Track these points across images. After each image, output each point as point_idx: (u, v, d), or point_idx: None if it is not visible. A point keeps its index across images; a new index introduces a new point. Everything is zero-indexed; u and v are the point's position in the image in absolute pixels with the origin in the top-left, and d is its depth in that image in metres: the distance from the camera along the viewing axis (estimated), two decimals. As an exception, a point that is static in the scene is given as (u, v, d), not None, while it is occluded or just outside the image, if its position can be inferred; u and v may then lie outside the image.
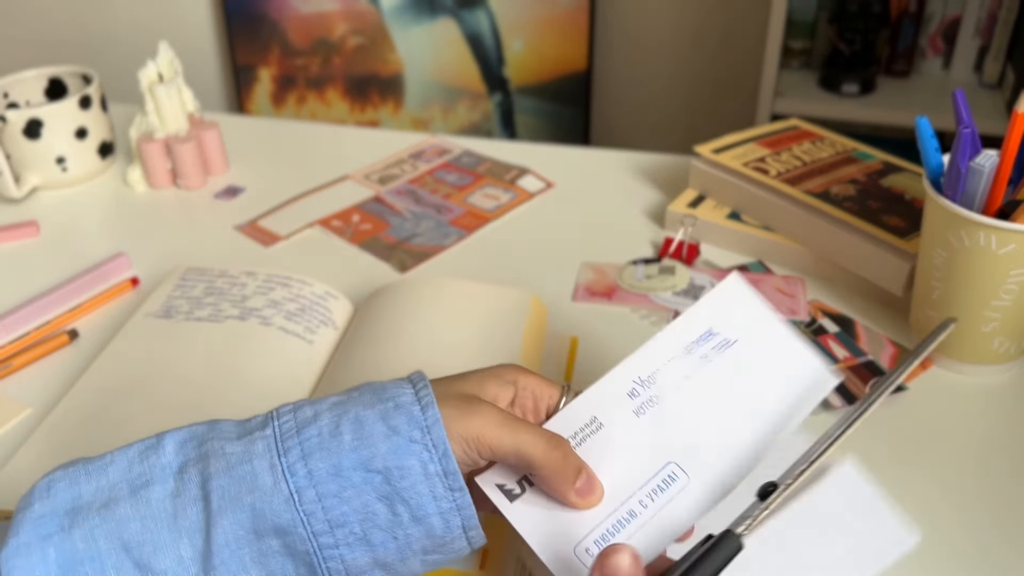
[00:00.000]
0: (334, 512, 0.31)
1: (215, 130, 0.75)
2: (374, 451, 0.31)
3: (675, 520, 0.33)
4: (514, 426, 0.33)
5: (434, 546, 0.33)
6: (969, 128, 0.48)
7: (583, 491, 0.34)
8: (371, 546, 0.32)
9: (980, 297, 0.49)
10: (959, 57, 1.45)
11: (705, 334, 0.37)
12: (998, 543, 0.42)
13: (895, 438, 0.48)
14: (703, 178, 0.67)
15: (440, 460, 0.32)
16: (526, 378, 0.36)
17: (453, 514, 0.32)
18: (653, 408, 0.36)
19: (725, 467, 0.34)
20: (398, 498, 0.31)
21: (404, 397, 0.33)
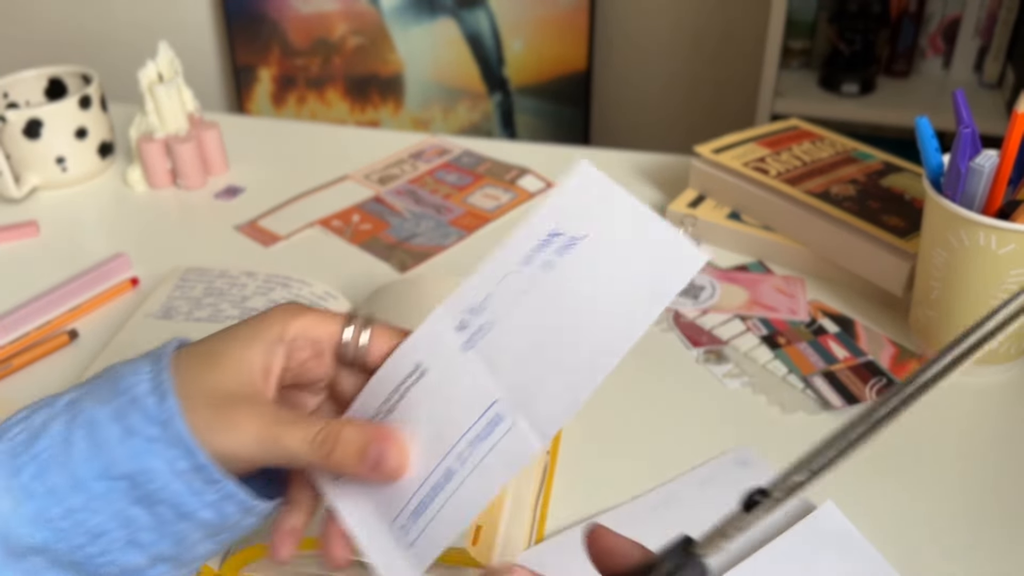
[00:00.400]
0: (89, 524, 0.29)
1: (215, 130, 0.75)
2: (111, 457, 0.28)
3: (495, 472, 0.29)
4: (275, 435, 0.29)
5: (218, 530, 0.30)
6: (969, 128, 0.48)
7: (377, 466, 0.30)
8: (142, 547, 0.29)
9: (980, 297, 0.49)
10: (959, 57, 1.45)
11: (547, 237, 0.31)
12: (999, 542, 0.42)
13: (895, 438, 0.48)
14: (703, 178, 0.67)
15: (186, 456, 0.29)
16: (296, 325, 0.31)
17: (223, 503, 0.30)
18: (483, 338, 0.30)
19: (561, 391, 0.29)
20: (154, 500, 0.29)
21: (140, 387, 0.29)
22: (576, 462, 0.46)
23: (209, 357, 0.31)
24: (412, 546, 0.30)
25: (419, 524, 0.30)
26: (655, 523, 0.43)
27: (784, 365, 0.53)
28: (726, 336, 0.55)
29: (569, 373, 0.29)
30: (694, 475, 0.45)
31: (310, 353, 0.32)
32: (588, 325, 0.29)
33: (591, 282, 0.30)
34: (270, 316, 0.32)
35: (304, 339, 0.32)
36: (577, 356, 0.29)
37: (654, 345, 0.55)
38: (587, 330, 0.29)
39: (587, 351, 0.29)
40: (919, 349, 0.54)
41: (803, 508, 0.43)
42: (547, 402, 0.29)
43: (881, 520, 0.43)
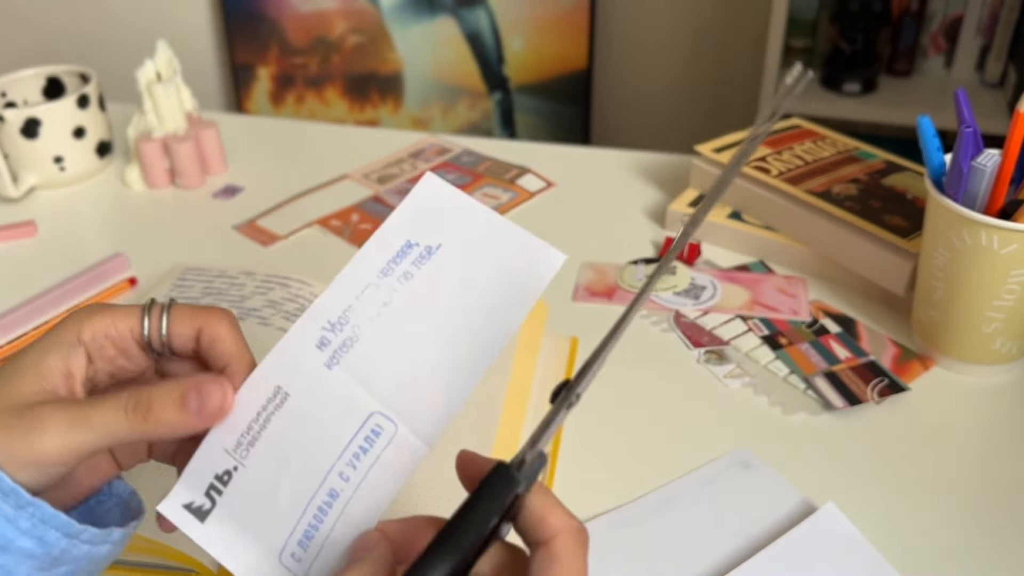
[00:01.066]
0: None
1: (213, 129, 0.75)
2: None
3: (384, 484, 0.28)
4: (84, 417, 0.28)
5: (49, 563, 0.29)
6: (971, 127, 0.48)
7: (201, 408, 0.29)
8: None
9: (982, 297, 0.48)
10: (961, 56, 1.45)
11: (403, 249, 0.31)
12: (1001, 543, 0.42)
13: (896, 438, 0.48)
14: (704, 177, 0.67)
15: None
16: (92, 325, 0.31)
17: (41, 530, 0.28)
18: (348, 354, 0.29)
19: (441, 393, 0.29)
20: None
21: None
22: (576, 463, 0.46)
23: (5, 373, 0.30)
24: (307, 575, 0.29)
25: (311, 551, 0.29)
26: (656, 524, 0.42)
27: (785, 365, 0.53)
28: (727, 336, 0.55)
29: (444, 375, 0.29)
30: (695, 476, 0.45)
31: (115, 351, 0.31)
32: (457, 329, 0.30)
33: (454, 289, 0.30)
34: (67, 321, 0.31)
35: (103, 338, 0.31)
36: (450, 359, 0.29)
37: (655, 345, 0.55)
38: (457, 334, 0.30)
39: (459, 354, 0.29)
40: (921, 349, 0.54)
41: (804, 509, 0.43)
42: (426, 407, 0.29)
43: (882, 521, 0.43)
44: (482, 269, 0.30)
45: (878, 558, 0.40)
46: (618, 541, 0.42)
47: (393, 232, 0.31)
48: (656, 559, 0.41)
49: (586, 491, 0.45)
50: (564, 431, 0.48)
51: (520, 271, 0.30)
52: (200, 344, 0.32)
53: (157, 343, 0.32)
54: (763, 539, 0.41)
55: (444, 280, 0.30)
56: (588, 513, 0.43)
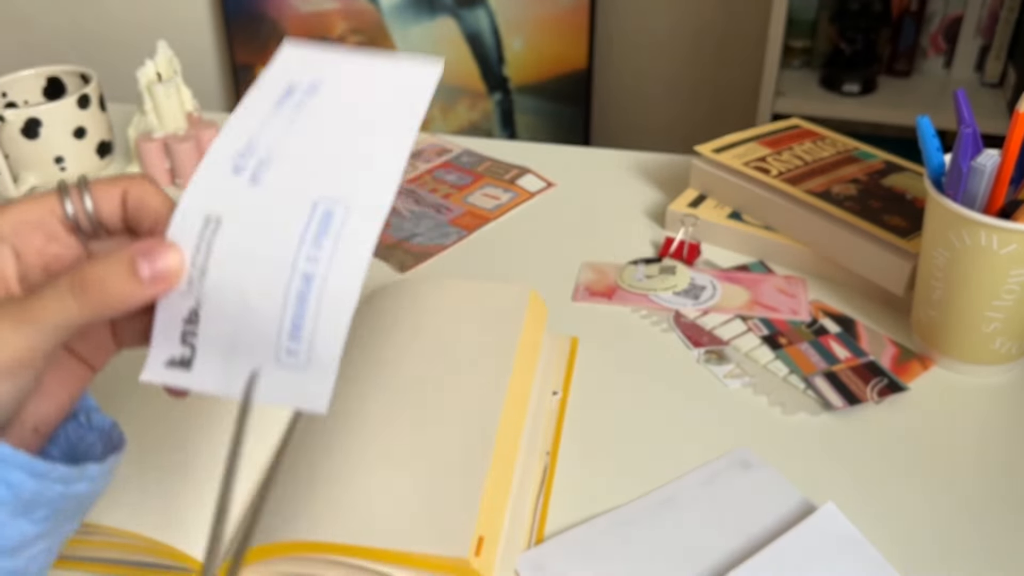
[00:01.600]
0: None
1: (214, 129, 0.75)
2: None
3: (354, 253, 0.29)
4: (28, 314, 0.27)
5: (23, 507, 0.27)
6: (971, 128, 0.48)
7: (156, 278, 0.28)
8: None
9: (981, 297, 0.48)
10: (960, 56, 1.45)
11: (287, 90, 0.31)
12: (1001, 543, 0.42)
13: (896, 438, 0.48)
14: (704, 178, 0.67)
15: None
16: (8, 216, 0.29)
17: (4, 470, 0.26)
18: (269, 170, 0.30)
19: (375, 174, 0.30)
20: None
21: None
22: (576, 463, 0.46)
23: None
24: (310, 362, 0.29)
25: (304, 338, 0.29)
26: (654, 526, 0.43)
27: (785, 365, 0.53)
28: (727, 336, 0.55)
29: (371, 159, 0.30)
30: (695, 476, 0.45)
31: (42, 238, 0.30)
32: (365, 124, 0.31)
33: (348, 104, 0.31)
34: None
35: (24, 226, 0.29)
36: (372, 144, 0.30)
37: (655, 345, 0.55)
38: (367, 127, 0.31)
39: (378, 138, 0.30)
40: (920, 349, 0.54)
41: (804, 509, 0.43)
42: (366, 184, 0.29)
43: (881, 521, 0.43)
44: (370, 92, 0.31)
45: (878, 558, 0.40)
46: (618, 541, 0.42)
47: (270, 83, 0.32)
48: (656, 559, 0.41)
49: (586, 491, 0.45)
50: (563, 432, 0.48)
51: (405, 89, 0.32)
52: (127, 209, 0.30)
53: (84, 219, 0.30)
54: (763, 539, 0.41)
55: (338, 100, 0.31)
56: (587, 513, 0.43)
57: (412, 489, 0.40)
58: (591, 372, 0.52)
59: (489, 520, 0.39)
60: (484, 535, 0.38)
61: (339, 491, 0.40)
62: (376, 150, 0.30)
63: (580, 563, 0.41)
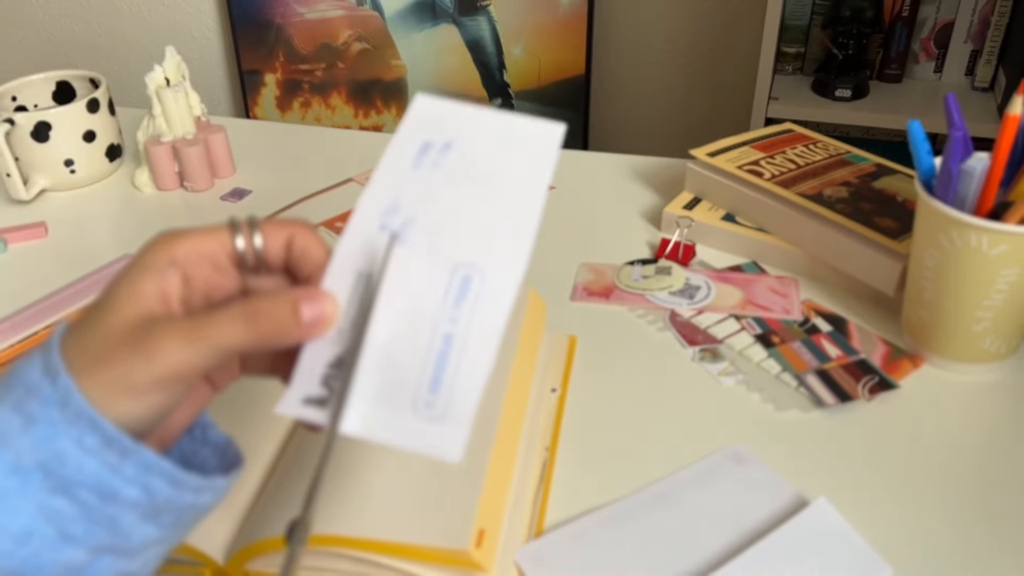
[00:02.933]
0: (12, 527, 0.27)
1: (222, 133, 0.76)
2: (17, 450, 0.27)
3: (488, 322, 0.31)
4: (200, 332, 0.28)
5: (154, 512, 0.29)
6: (961, 131, 0.48)
7: (314, 323, 0.30)
8: (75, 540, 0.28)
9: (971, 297, 0.49)
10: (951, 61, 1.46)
11: (423, 148, 0.34)
12: (991, 539, 0.43)
13: (887, 436, 0.49)
14: (699, 181, 0.68)
15: (92, 430, 0.27)
16: (182, 247, 0.31)
17: (145, 476, 0.28)
18: (412, 227, 0.32)
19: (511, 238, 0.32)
20: (73, 485, 0.27)
21: (33, 374, 0.28)
22: (572, 459, 0.47)
23: (97, 313, 0.29)
24: (445, 415, 0.31)
25: (442, 393, 0.31)
26: (650, 520, 0.43)
27: (778, 363, 0.54)
28: (721, 335, 0.56)
29: (506, 220, 0.32)
30: (689, 471, 0.46)
31: (209, 269, 0.31)
32: (498, 185, 0.33)
33: (481, 164, 0.33)
34: (152, 245, 0.31)
35: (196, 255, 0.31)
36: (506, 205, 0.32)
37: (650, 344, 0.56)
38: (500, 188, 0.33)
39: (511, 199, 0.32)
40: (911, 348, 0.55)
41: (797, 503, 0.44)
42: (501, 249, 0.32)
43: (873, 515, 0.43)
44: (500, 151, 0.33)
45: (869, 551, 0.41)
46: (615, 534, 0.42)
47: (407, 140, 0.34)
48: (651, 554, 0.41)
49: (582, 486, 0.45)
50: (561, 428, 0.49)
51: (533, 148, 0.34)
52: (292, 254, 0.33)
53: (251, 256, 0.32)
54: (756, 533, 0.42)
55: (471, 159, 0.33)
56: (583, 508, 0.44)
57: (414, 483, 0.41)
58: (589, 370, 0.53)
59: (490, 513, 0.40)
60: (485, 528, 0.39)
61: (342, 485, 0.41)
62: (510, 211, 0.32)
63: (578, 555, 0.41)
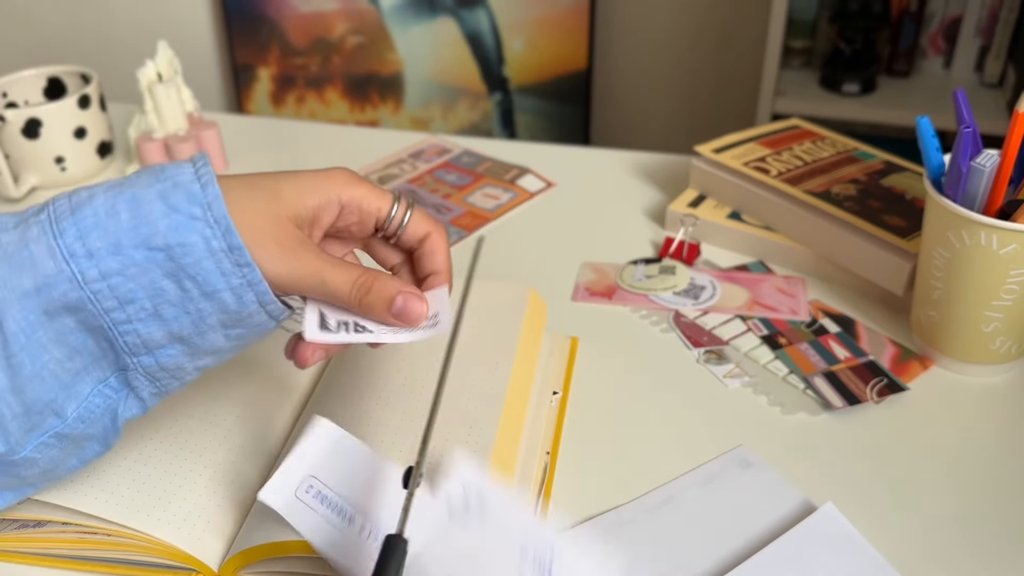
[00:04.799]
0: (121, 289, 0.31)
1: (214, 129, 0.75)
2: (153, 229, 0.31)
3: None
4: (323, 273, 0.34)
5: (232, 320, 0.33)
6: (970, 128, 0.48)
7: (401, 313, 0.35)
8: (164, 321, 0.32)
9: (981, 297, 0.49)
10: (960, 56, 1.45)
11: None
12: (999, 542, 0.42)
13: (896, 439, 0.48)
14: (704, 178, 0.67)
15: (224, 236, 0.32)
16: (351, 192, 0.36)
17: (244, 289, 0.33)
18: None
19: None
20: (184, 274, 0.32)
21: (183, 176, 0.32)
22: (576, 462, 0.46)
23: (267, 191, 0.34)
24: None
25: None
26: (656, 524, 0.43)
27: (785, 365, 0.53)
28: (727, 336, 0.55)
29: None
30: (694, 475, 0.45)
31: (357, 220, 0.37)
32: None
33: None
34: (332, 176, 0.36)
35: (356, 206, 0.36)
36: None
37: (654, 345, 0.55)
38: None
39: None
40: (920, 349, 0.54)
41: (803, 509, 0.43)
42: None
43: (881, 520, 0.43)
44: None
45: (877, 557, 0.40)
46: (618, 540, 0.42)
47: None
48: (655, 558, 0.41)
49: (586, 490, 0.45)
50: (564, 431, 0.48)
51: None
52: (423, 247, 0.38)
53: (393, 231, 0.38)
54: (762, 538, 0.41)
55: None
56: (588, 512, 0.43)
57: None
58: (591, 372, 0.53)
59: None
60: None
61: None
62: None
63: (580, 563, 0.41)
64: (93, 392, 0.34)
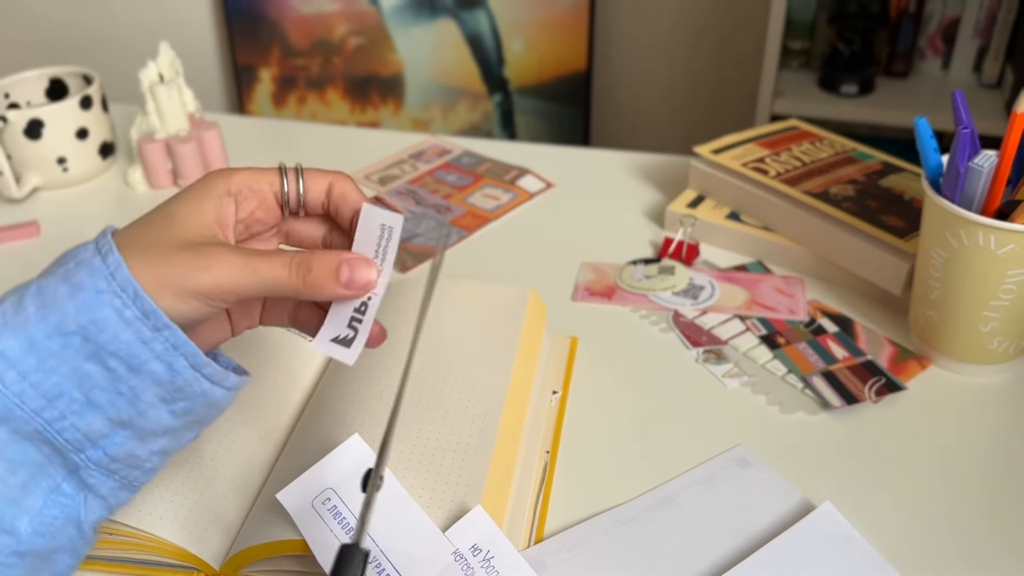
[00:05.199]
0: (45, 385, 0.30)
1: (216, 130, 0.75)
2: (62, 314, 0.30)
3: None
4: (253, 265, 0.32)
5: (170, 393, 0.32)
6: (968, 128, 0.48)
7: (350, 283, 0.34)
8: (99, 407, 0.31)
9: (979, 297, 0.49)
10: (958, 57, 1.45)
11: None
12: (997, 542, 0.42)
13: (894, 437, 0.48)
14: (703, 178, 0.67)
15: (134, 302, 0.30)
16: (238, 178, 0.35)
17: (171, 354, 0.31)
18: None
19: None
20: (105, 352, 0.30)
21: (84, 253, 0.31)
22: (575, 462, 0.47)
23: (157, 223, 0.33)
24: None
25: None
26: (654, 523, 0.43)
27: (783, 365, 0.53)
28: (725, 336, 0.56)
29: None
30: (693, 474, 0.45)
31: (256, 203, 0.35)
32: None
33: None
34: (210, 177, 0.35)
35: (248, 190, 0.35)
36: None
37: (653, 345, 0.55)
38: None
39: None
40: (918, 349, 0.54)
41: (802, 508, 0.43)
42: None
43: (879, 519, 0.43)
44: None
45: (876, 556, 0.40)
46: (617, 540, 0.42)
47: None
48: (654, 558, 0.41)
49: (585, 489, 0.45)
50: (563, 431, 0.48)
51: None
52: (330, 199, 0.36)
53: (294, 199, 0.36)
54: (761, 537, 0.42)
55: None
56: (587, 512, 0.44)
57: (413, 487, 0.40)
58: (591, 371, 0.53)
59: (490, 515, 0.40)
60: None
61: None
62: None
63: (580, 562, 0.41)
64: (47, 504, 0.32)
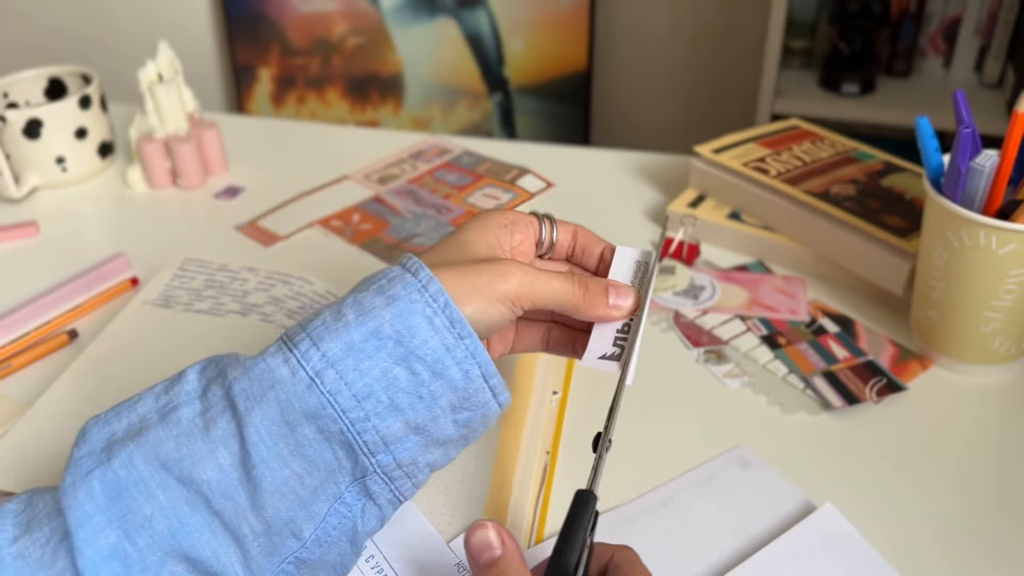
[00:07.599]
0: (357, 385, 0.33)
1: (215, 130, 0.75)
2: (380, 320, 0.33)
3: None
4: (544, 278, 0.37)
5: (460, 401, 0.34)
6: (969, 128, 0.48)
7: (616, 304, 0.38)
8: (400, 411, 0.33)
9: (980, 297, 0.49)
10: (959, 57, 1.45)
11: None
12: (999, 542, 0.42)
13: (895, 438, 0.48)
14: (703, 178, 0.67)
15: (443, 311, 0.34)
16: (511, 214, 0.40)
17: (468, 362, 0.34)
18: None
19: None
20: (414, 357, 0.33)
21: (394, 272, 0.35)
22: (576, 462, 0.46)
23: (451, 247, 0.38)
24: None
25: None
26: (655, 524, 0.43)
27: (784, 365, 0.53)
28: (726, 336, 0.55)
29: None
30: (694, 475, 0.45)
31: (521, 238, 0.40)
32: None
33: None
34: (489, 212, 0.40)
35: (521, 223, 0.40)
36: None
37: (654, 345, 0.55)
38: None
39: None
40: (919, 349, 0.54)
41: (803, 509, 0.43)
42: None
43: (880, 520, 0.43)
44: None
45: (876, 557, 0.40)
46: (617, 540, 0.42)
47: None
48: (655, 558, 0.41)
49: (586, 490, 0.45)
50: (563, 432, 0.48)
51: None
52: (574, 248, 0.42)
53: (547, 244, 0.41)
54: (762, 538, 0.41)
55: None
56: (588, 512, 0.43)
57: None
58: (591, 372, 0.52)
59: (492, 514, 0.40)
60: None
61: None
62: None
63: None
64: (330, 512, 0.34)
